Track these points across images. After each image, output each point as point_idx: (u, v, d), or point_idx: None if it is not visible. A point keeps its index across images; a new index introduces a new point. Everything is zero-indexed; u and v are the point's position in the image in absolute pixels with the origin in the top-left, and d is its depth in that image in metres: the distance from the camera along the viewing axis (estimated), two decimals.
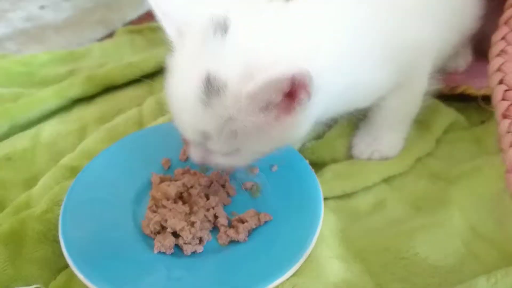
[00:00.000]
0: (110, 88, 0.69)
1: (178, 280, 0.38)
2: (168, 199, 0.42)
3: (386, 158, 0.51)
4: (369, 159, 0.51)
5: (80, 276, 0.36)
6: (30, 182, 0.50)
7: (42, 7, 1.07)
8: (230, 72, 0.32)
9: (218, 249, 0.41)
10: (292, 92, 0.32)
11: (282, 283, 0.36)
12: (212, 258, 0.40)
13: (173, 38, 0.38)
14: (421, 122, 0.54)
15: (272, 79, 0.30)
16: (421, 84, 0.50)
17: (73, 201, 0.42)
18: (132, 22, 1.07)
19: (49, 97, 0.63)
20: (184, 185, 0.44)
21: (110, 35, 1.00)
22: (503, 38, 0.45)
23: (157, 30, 0.95)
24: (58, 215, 0.41)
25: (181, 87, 0.35)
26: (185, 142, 0.50)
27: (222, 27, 0.33)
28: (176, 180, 0.46)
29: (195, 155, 0.39)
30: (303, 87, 0.31)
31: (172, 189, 0.42)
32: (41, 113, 0.62)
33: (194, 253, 0.40)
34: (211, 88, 0.32)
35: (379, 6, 0.43)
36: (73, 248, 0.38)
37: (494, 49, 0.45)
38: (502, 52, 0.44)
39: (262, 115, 0.33)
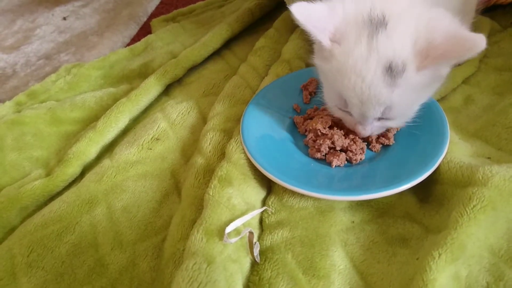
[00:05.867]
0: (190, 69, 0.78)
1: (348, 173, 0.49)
2: (324, 128, 0.53)
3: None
4: None
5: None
6: (187, 149, 0.60)
7: (64, 18, 1.11)
8: (405, 55, 0.41)
9: (373, 156, 0.52)
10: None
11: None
12: (371, 163, 0.51)
13: (328, 44, 0.44)
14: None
15: (441, 53, 0.40)
16: None
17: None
18: (153, 14, 1.14)
19: (152, 87, 0.70)
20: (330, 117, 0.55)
21: (143, 28, 1.06)
22: None
23: (189, 14, 1.03)
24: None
25: (364, 79, 0.42)
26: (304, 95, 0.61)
27: (382, 23, 0.42)
28: (311, 118, 0.57)
29: (368, 130, 0.48)
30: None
31: (328, 119, 0.53)
32: (148, 102, 0.70)
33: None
34: (394, 72, 0.41)
35: None
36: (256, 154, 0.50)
37: None
38: None
39: (433, 74, 0.43)
